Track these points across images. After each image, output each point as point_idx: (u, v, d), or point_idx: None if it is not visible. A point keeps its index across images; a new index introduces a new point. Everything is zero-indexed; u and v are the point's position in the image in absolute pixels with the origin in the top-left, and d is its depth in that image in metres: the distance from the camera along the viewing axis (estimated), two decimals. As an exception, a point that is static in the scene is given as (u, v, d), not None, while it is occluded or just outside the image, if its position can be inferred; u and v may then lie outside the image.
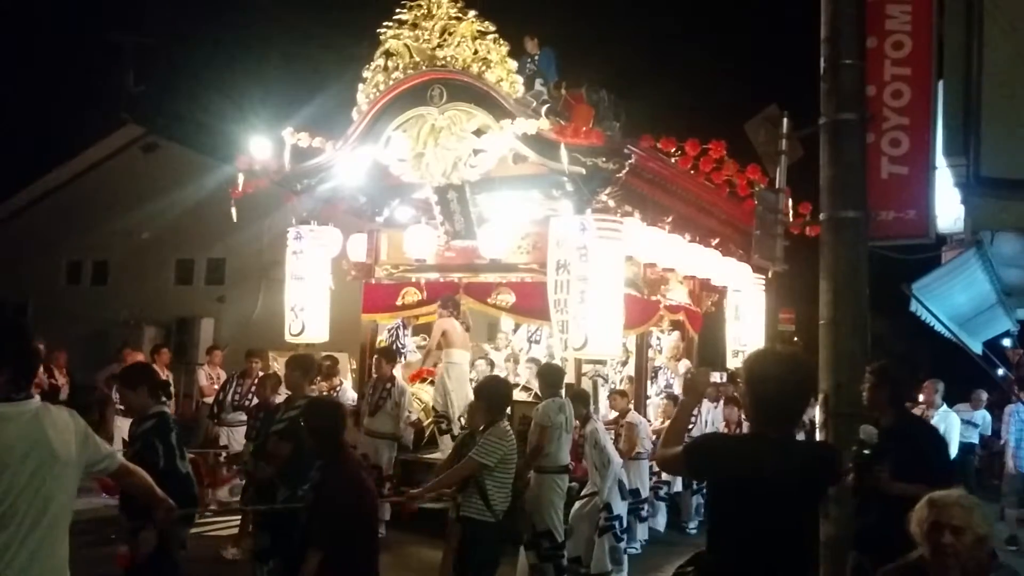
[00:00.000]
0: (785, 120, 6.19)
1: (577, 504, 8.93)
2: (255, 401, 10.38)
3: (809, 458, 3.54)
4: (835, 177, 5.62)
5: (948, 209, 6.36)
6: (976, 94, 5.74)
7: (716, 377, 12.62)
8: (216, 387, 12.39)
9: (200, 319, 20.32)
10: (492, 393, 6.42)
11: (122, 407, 10.99)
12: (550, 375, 8.61)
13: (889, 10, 6.00)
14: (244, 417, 10.34)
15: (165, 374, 12.68)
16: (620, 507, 8.76)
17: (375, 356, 11.11)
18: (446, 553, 6.75)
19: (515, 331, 13.42)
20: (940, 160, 5.98)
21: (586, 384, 10.62)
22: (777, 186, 6.33)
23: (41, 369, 12.02)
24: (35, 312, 23.30)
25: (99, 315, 21.29)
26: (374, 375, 10.87)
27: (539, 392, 8.79)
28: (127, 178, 21.68)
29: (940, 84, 5.94)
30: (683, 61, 26.73)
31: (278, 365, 12.99)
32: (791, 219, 8.39)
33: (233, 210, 12.04)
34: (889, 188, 5.91)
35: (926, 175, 5.94)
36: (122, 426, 10.93)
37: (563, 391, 8.60)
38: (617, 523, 8.71)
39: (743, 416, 10.90)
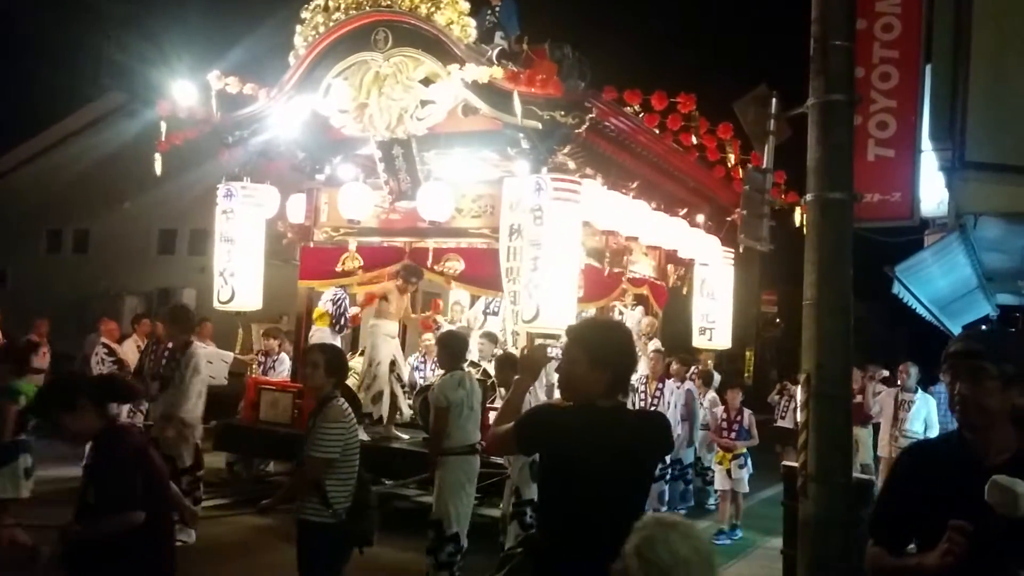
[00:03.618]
0: (774, 100, 6.58)
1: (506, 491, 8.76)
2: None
3: (640, 427, 3.75)
4: (822, 158, 5.99)
5: (932, 193, 6.91)
6: (963, 78, 6.45)
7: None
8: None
9: (182, 289, 21.64)
10: (338, 361, 5.99)
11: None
12: (452, 344, 8.32)
13: (879, -9, 6.58)
14: None
15: (145, 344, 13.31)
16: (532, 491, 8.21)
17: (160, 319, 10.56)
18: None
19: (472, 304, 13.59)
20: (926, 143, 6.57)
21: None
22: (764, 166, 6.78)
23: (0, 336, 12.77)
24: (15, 281, 25.48)
25: (80, 284, 22.91)
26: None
27: (439, 363, 8.59)
28: (109, 146, 22.64)
29: (928, 68, 6.53)
30: (663, 33, 27.81)
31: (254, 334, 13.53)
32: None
33: (158, 164, 12.07)
34: (875, 170, 6.46)
35: (912, 158, 6.49)
36: None
37: (465, 363, 8.50)
38: (529, 508, 8.35)
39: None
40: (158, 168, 12.20)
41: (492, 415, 10.13)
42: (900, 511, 3.23)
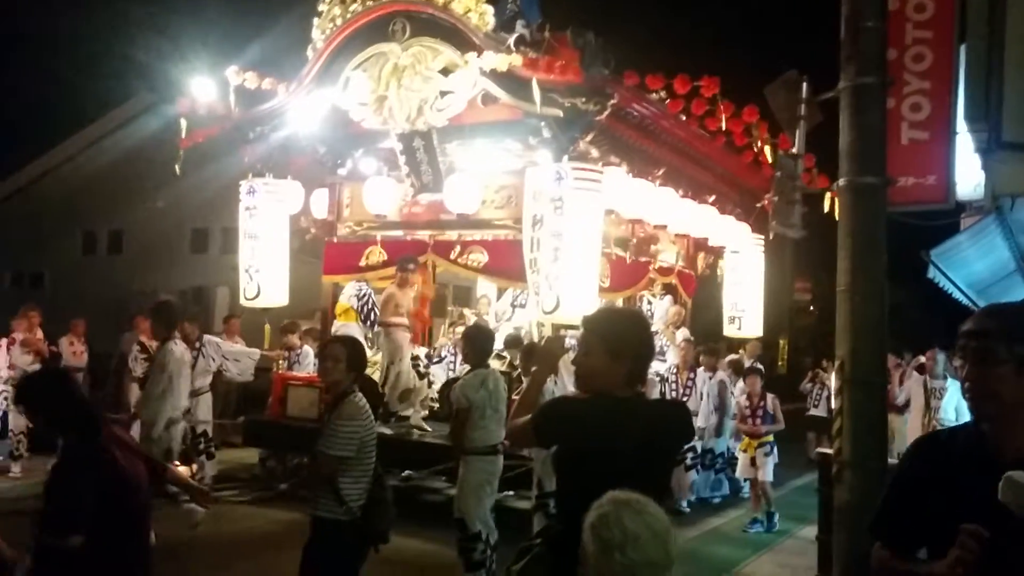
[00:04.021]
0: (804, 84, 6.59)
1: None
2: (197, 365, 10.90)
3: (659, 417, 3.72)
4: (854, 142, 6.02)
5: (968, 175, 6.92)
6: (998, 58, 6.60)
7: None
8: None
9: (215, 288, 22.40)
10: (358, 355, 5.82)
11: (140, 376, 11.89)
12: (476, 338, 8.11)
13: (911, -28, 6.60)
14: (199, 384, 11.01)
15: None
16: (554, 482, 8.56)
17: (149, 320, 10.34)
18: None
19: (499, 296, 13.63)
20: (961, 125, 6.61)
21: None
22: (796, 151, 6.76)
23: (40, 335, 13.08)
24: (52, 282, 26.50)
25: (115, 284, 23.55)
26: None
27: (463, 358, 8.53)
28: (141, 147, 23.15)
29: (962, 48, 6.60)
30: (687, 16, 27.94)
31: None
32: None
33: (179, 162, 12.24)
34: (909, 153, 6.45)
35: (946, 140, 6.48)
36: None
37: (491, 357, 8.42)
38: (552, 499, 7.96)
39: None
40: (178, 167, 12.33)
41: (516, 406, 10.37)
42: (908, 511, 2.85)
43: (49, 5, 27.72)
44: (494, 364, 10.88)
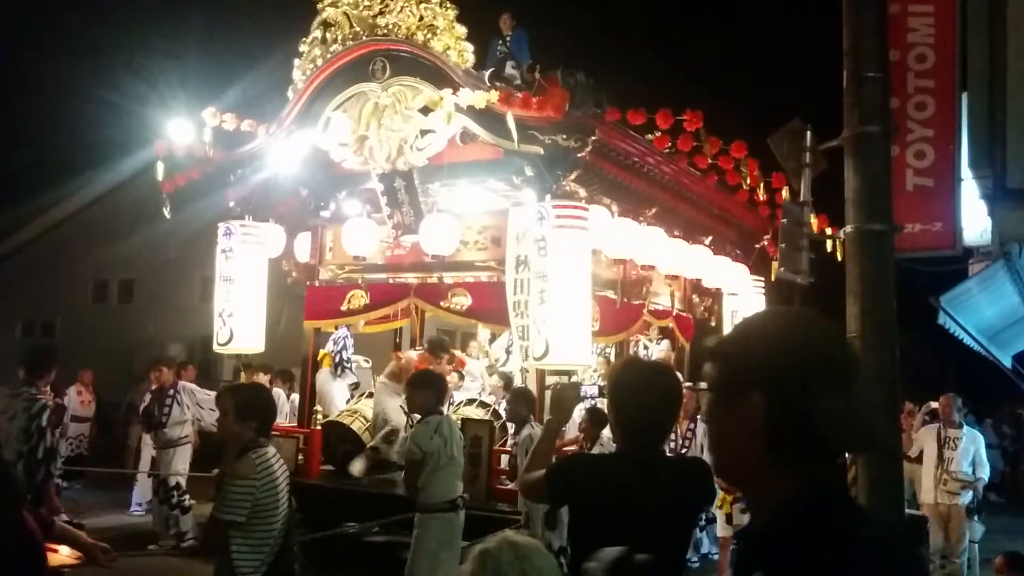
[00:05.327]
0: (808, 133, 7.03)
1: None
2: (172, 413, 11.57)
3: (679, 478, 3.68)
4: (860, 190, 6.31)
5: (975, 221, 7.03)
6: (1001, 105, 6.63)
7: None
8: None
9: None
10: (254, 404, 5.40)
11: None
12: (425, 384, 7.91)
13: (911, 22, 6.95)
14: (176, 435, 11.66)
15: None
16: (558, 539, 7.87)
17: (152, 367, 12.03)
18: None
19: (492, 341, 13.80)
20: (966, 172, 6.80)
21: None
22: (802, 199, 7.16)
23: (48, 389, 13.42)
24: (63, 330, 27.61)
25: (126, 333, 24.84)
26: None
27: (409, 407, 8.59)
28: (152, 195, 23.90)
29: (964, 95, 6.80)
30: (695, 64, 28.89)
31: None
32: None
33: (166, 207, 12.58)
34: (914, 200, 6.72)
35: (952, 187, 6.78)
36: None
37: (444, 407, 8.22)
38: (563, 558, 7.09)
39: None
40: (166, 211, 12.68)
41: (503, 457, 10.38)
42: None
43: (56, 50, 28.53)
44: (477, 413, 11.11)
